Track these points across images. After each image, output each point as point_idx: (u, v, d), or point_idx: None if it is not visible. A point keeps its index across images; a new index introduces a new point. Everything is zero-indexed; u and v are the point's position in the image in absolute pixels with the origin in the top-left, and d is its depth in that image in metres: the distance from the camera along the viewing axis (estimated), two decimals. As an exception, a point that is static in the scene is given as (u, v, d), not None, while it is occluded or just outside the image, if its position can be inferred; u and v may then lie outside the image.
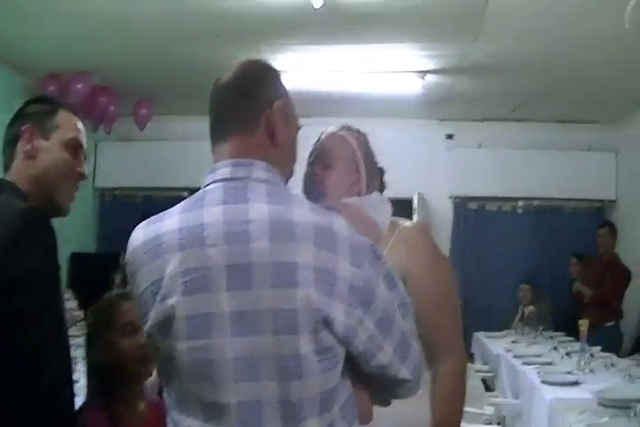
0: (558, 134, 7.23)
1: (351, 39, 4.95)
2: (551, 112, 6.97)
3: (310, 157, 1.53)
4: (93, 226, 7.48)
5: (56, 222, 1.34)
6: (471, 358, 6.27)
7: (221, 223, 1.10)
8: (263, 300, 1.07)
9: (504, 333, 6.23)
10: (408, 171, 6.93)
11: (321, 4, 4.09)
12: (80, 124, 1.53)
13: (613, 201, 7.27)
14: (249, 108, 1.20)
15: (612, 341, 5.63)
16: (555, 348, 5.09)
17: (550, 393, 3.64)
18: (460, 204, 7.42)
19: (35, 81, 5.52)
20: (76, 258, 6.52)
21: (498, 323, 6.55)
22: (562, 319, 6.44)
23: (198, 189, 1.22)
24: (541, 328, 5.86)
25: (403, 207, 6.86)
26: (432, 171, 7.30)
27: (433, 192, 7.32)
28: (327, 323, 1.08)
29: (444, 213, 7.36)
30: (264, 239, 1.08)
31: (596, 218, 7.09)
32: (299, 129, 1.29)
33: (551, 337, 5.64)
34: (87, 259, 6.59)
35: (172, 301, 1.10)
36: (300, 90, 5.77)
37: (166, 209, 1.20)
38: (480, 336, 6.26)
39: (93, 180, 7.27)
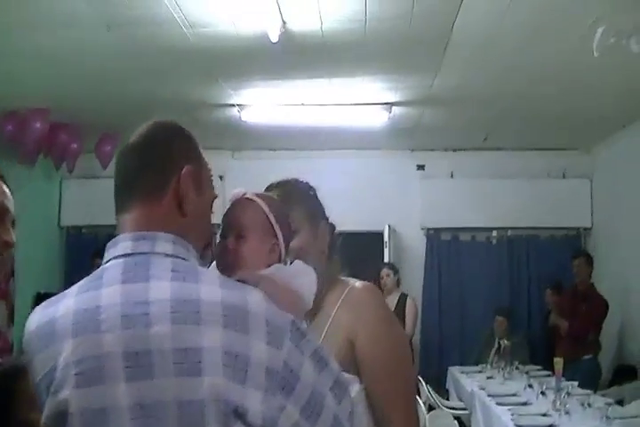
0: (532, 162, 7.25)
1: (312, 72, 4.96)
2: (523, 140, 7.00)
3: (219, 228, 1.44)
4: (60, 265, 7.38)
5: (21, 262, 1.23)
6: (446, 393, 6.21)
7: (119, 306, 1.04)
8: (166, 391, 1.00)
9: (479, 368, 6.17)
10: (379, 202, 7.09)
11: (277, 38, 4.06)
12: (5, 188, 1.43)
13: (589, 228, 7.27)
14: (154, 175, 1.14)
15: (589, 374, 5.59)
16: (530, 385, 5.01)
17: (524, 439, 3.54)
18: (433, 235, 7.37)
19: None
20: (42, 298, 6.33)
21: (473, 356, 6.49)
22: (539, 352, 6.42)
23: None
24: (517, 363, 5.79)
25: (373, 240, 7.23)
26: (403, 202, 7.29)
27: (405, 224, 7.29)
28: (240, 415, 1.01)
29: (416, 245, 7.32)
30: (165, 322, 1.01)
31: (572, 246, 7.07)
32: (214, 197, 1.23)
33: (527, 372, 5.58)
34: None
35: (64, 394, 1.03)
36: (264, 125, 6.25)
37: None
38: (454, 371, 6.20)
39: (59, 218, 7.18)
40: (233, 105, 5.77)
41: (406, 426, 1.54)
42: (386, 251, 6.95)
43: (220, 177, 7.09)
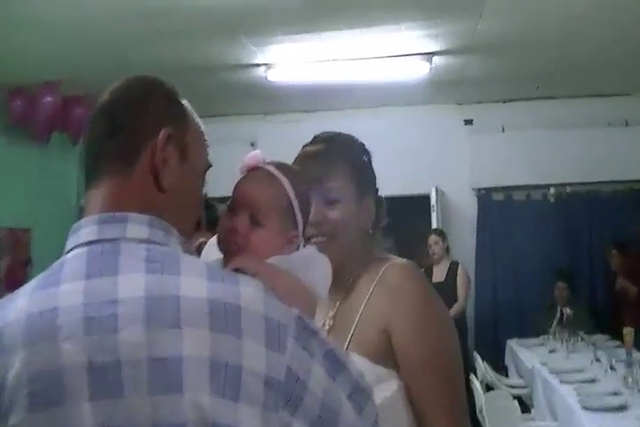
0: (590, 110, 6.91)
1: (342, 23, 4.77)
2: (580, 86, 6.69)
3: (227, 203, 1.24)
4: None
5: (38, 247, 0.97)
6: (505, 370, 5.99)
7: (80, 307, 0.90)
8: (139, 412, 0.86)
9: (540, 340, 5.93)
10: (423, 163, 6.94)
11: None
12: None
13: (657, 180, 6.91)
14: (124, 141, 1.01)
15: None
16: (597, 359, 4.75)
17: (592, 421, 3.37)
18: (484, 196, 7.11)
19: (2, 95, 5.42)
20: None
21: (532, 327, 6.26)
22: (605, 320, 6.13)
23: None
24: (582, 333, 5.53)
25: (419, 205, 7.03)
26: (450, 161, 7.05)
27: (453, 185, 7.06)
28: None
29: (466, 208, 7.08)
30: (137, 326, 0.88)
31: (638, 201, 6.72)
32: (207, 167, 1.09)
33: (593, 343, 5.25)
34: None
35: (14, 420, 0.87)
36: (293, 84, 6.10)
37: None
38: (513, 345, 5.97)
39: (77, 198, 6.95)
40: (258, 65, 5.64)
41: None
42: (433, 215, 6.73)
43: (252, 144, 7.00)
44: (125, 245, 0.96)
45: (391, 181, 8.63)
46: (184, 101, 1.09)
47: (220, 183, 1.66)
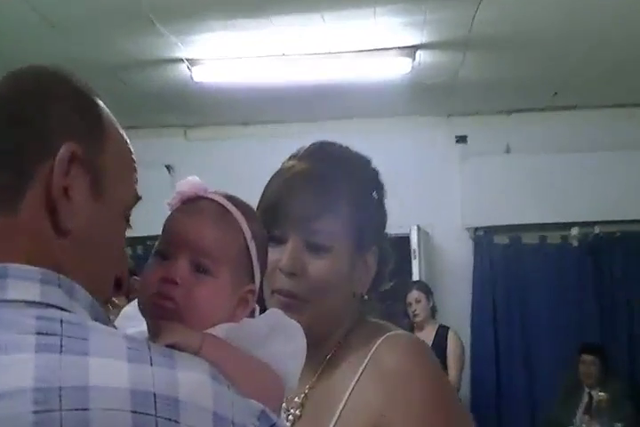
0: (622, 126, 7.03)
1: (296, 5, 4.83)
2: (610, 93, 6.79)
3: (156, 247, 1.23)
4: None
5: None
6: None
7: None
8: None
9: None
10: (401, 195, 6.72)
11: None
12: None
13: None
14: (5, 162, 0.99)
15: None
16: None
17: None
18: (483, 238, 7.15)
19: None
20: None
21: (549, 417, 6.24)
22: None
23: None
24: (619, 425, 5.57)
25: (397, 248, 6.89)
26: (437, 192, 7.14)
27: (440, 224, 7.12)
28: None
29: (459, 254, 7.12)
30: None
31: None
32: (134, 200, 1.08)
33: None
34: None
35: None
36: (228, 86, 6.02)
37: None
38: None
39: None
40: (180, 60, 5.65)
41: None
42: (414, 264, 6.75)
43: (168, 167, 7.04)
44: (4, 312, 0.92)
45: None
46: (101, 106, 1.05)
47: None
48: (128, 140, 1.10)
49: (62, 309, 0.95)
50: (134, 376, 0.88)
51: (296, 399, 1.45)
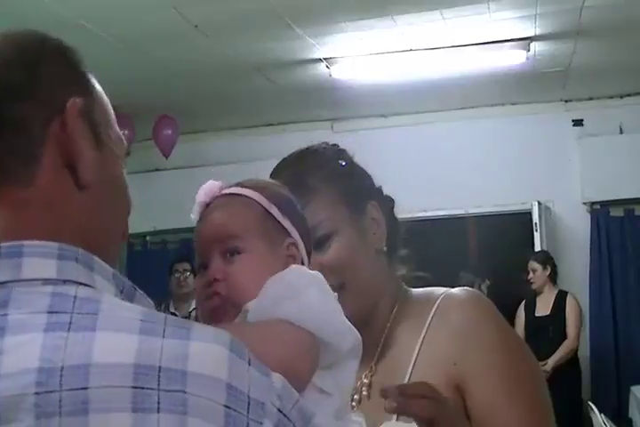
0: None
1: (418, 4, 4.70)
2: None
3: (196, 262, 1.16)
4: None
5: None
6: (629, 424, 5.69)
7: None
8: None
9: None
10: (523, 174, 6.90)
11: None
12: None
13: None
14: (14, 127, 0.85)
15: None
16: None
17: None
18: (599, 211, 6.94)
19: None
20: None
21: None
22: None
23: None
24: None
25: (519, 223, 6.99)
26: (556, 171, 6.94)
27: (560, 199, 6.95)
28: None
29: (577, 227, 6.94)
30: (24, 416, 0.72)
31: None
32: (125, 154, 0.97)
33: None
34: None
35: None
36: (358, 84, 6.05)
37: None
38: (638, 393, 5.64)
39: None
40: (319, 60, 5.60)
41: None
42: (536, 236, 6.62)
43: None
44: (19, 292, 0.80)
45: (485, 196, 8.33)
46: (82, 60, 0.94)
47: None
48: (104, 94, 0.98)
49: (81, 283, 0.84)
50: (141, 350, 0.77)
51: (362, 380, 1.33)
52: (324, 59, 5.53)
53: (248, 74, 5.60)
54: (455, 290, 1.36)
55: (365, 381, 1.32)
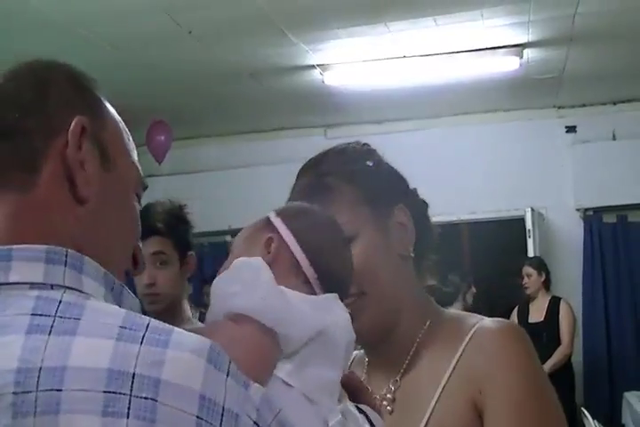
0: None
1: (411, 11, 4.70)
2: None
3: None
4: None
5: None
6: None
7: None
8: None
9: None
10: (516, 180, 6.90)
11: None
12: None
13: None
14: (20, 139, 0.90)
15: None
16: None
17: None
18: (592, 218, 6.95)
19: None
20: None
21: None
22: None
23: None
24: None
25: (512, 229, 7.00)
26: (549, 177, 6.96)
27: (553, 205, 6.96)
28: None
29: (570, 233, 6.95)
30: (4, 413, 0.75)
31: None
32: (140, 184, 0.99)
33: None
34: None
35: None
36: (355, 89, 6.02)
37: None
38: (632, 399, 5.62)
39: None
40: (312, 66, 5.60)
41: None
42: (530, 242, 6.61)
43: None
44: (5, 295, 0.83)
45: (478, 202, 8.31)
46: (97, 88, 0.98)
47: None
48: (123, 124, 1.02)
49: (68, 287, 0.86)
50: (116, 355, 0.78)
51: (384, 393, 1.30)
52: (318, 65, 5.54)
53: (242, 80, 5.61)
54: (490, 320, 1.31)
55: (389, 396, 1.28)
